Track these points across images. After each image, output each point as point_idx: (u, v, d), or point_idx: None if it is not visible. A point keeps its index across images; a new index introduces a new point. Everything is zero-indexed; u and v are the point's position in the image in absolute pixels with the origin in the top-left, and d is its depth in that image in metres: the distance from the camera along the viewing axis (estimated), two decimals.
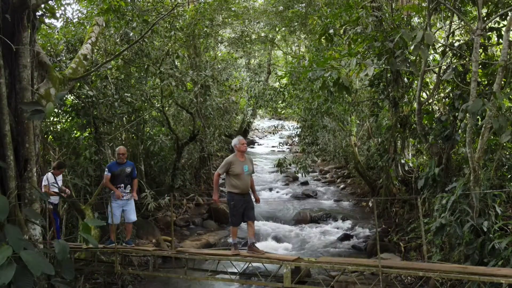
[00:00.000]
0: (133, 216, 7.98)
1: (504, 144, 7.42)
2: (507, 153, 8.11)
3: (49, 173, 8.19)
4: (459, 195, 6.98)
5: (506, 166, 7.89)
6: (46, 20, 8.39)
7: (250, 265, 6.75)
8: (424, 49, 6.55)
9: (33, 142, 5.77)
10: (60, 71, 8.63)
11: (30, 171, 5.69)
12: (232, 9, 17.55)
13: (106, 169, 7.77)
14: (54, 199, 8.07)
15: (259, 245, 11.81)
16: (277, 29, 20.55)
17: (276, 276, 6.48)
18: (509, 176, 7.92)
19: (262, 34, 20.89)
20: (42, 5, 6.05)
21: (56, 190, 8.06)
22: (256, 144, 33.85)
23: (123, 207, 7.80)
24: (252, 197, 7.12)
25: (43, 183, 7.88)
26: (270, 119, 39.37)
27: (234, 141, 7.03)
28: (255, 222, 7.41)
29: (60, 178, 8.44)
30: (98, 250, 7.51)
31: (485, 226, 6.52)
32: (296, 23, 17.18)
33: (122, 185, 7.77)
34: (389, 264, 5.72)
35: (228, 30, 20.36)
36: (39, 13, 6.13)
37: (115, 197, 7.62)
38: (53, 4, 9.02)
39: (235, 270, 6.99)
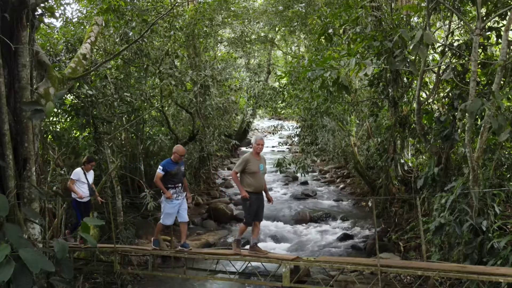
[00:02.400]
0: (186, 215, 7.49)
1: (503, 143, 7.43)
2: (506, 152, 8.10)
3: (79, 168, 8.02)
4: (458, 194, 6.98)
5: (505, 166, 7.88)
6: (46, 20, 8.38)
7: (249, 264, 6.75)
8: (423, 49, 6.55)
9: (32, 142, 5.77)
10: (60, 70, 8.64)
11: (29, 170, 5.70)
12: (232, 9, 17.56)
13: (160, 167, 7.18)
14: (81, 198, 7.92)
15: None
16: (276, 29, 20.56)
17: (275, 276, 6.48)
18: (508, 176, 7.90)
19: (262, 34, 20.89)
20: (42, 4, 6.05)
21: (85, 188, 7.92)
22: None
23: (179, 206, 7.34)
24: (264, 196, 6.98)
25: (72, 177, 7.84)
26: (270, 119, 39.37)
27: (252, 140, 6.96)
28: None
29: (91, 174, 8.25)
30: (97, 250, 7.51)
31: (484, 225, 6.51)
32: (296, 23, 17.19)
33: (180, 184, 7.34)
34: (388, 264, 5.72)
35: (228, 30, 20.37)
36: (38, 12, 6.13)
37: (166, 197, 7.17)
38: (52, 4, 9.02)
39: (234, 270, 6.98)
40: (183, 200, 7.39)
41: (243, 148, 30.61)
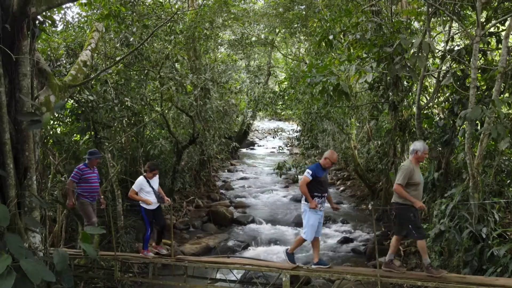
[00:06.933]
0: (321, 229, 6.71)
1: (503, 150, 7.43)
2: (506, 158, 8.12)
3: (141, 177, 7.55)
4: (458, 201, 7.00)
5: (505, 172, 7.90)
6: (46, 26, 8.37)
7: (249, 273, 6.76)
8: (422, 57, 6.56)
9: (33, 150, 5.77)
10: (60, 76, 8.65)
11: (30, 179, 5.70)
12: (232, 11, 17.56)
13: (309, 171, 6.32)
14: (148, 205, 7.42)
15: (259, 249, 11.89)
16: (277, 31, 20.57)
17: (275, 284, 6.49)
18: (508, 182, 7.92)
19: (262, 36, 20.90)
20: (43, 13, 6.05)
21: (152, 196, 7.41)
22: (256, 145, 33.89)
23: (319, 220, 6.50)
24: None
25: (134, 188, 7.36)
26: (270, 119, 39.44)
27: (418, 146, 5.94)
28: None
29: (155, 179, 7.65)
30: (98, 257, 7.52)
31: (484, 232, 6.54)
32: (296, 25, 17.19)
33: (326, 193, 6.54)
34: (387, 274, 5.73)
35: (228, 32, 20.38)
36: (39, 19, 6.14)
37: (310, 207, 6.32)
38: (54, 11, 9.03)
39: (235, 278, 6.99)
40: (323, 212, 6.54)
41: (244, 150, 30.65)
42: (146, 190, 7.42)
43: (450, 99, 8.90)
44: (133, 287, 8.72)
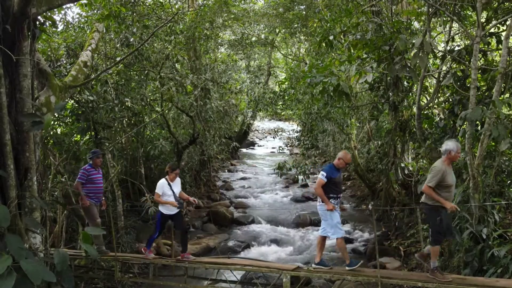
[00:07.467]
0: None
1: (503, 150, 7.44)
2: (506, 159, 8.12)
3: (162, 180, 7.28)
4: (458, 201, 7.00)
5: (506, 172, 7.90)
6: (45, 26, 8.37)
7: (249, 273, 6.76)
8: (423, 57, 6.56)
9: (34, 151, 5.78)
10: (61, 76, 8.66)
11: (31, 179, 5.70)
12: (233, 11, 17.57)
13: (323, 173, 6.25)
14: (167, 210, 7.21)
15: (259, 249, 11.88)
16: (277, 31, 20.58)
17: (275, 285, 6.49)
18: (508, 182, 7.93)
19: (262, 36, 20.91)
20: (44, 13, 6.06)
21: (172, 199, 7.14)
22: (256, 145, 33.88)
23: None
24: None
25: (158, 192, 7.12)
26: (270, 120, 39.46)
27: (450, 146, 5.59)
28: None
29: (177, 182, 7.41)
30: (98, 258, 7.51)
31: (484, 233, 6.54)
32: (296, 25, 17.20)
33: (341, 194, 6.48)
34: (388, 275, 5.73)
35: (228, 32, 20.40)
36: (40, 20, 6.15)
37: (327, 209, 6.25)
38: (54, 11, 9.02)
39: (235, 278, 6.99)
40: None
41: (244, 150, 30.65)
42: (167, 194, 7.16)
43: (451, 100, 8.91)
44: (133, 287, 8.72)
